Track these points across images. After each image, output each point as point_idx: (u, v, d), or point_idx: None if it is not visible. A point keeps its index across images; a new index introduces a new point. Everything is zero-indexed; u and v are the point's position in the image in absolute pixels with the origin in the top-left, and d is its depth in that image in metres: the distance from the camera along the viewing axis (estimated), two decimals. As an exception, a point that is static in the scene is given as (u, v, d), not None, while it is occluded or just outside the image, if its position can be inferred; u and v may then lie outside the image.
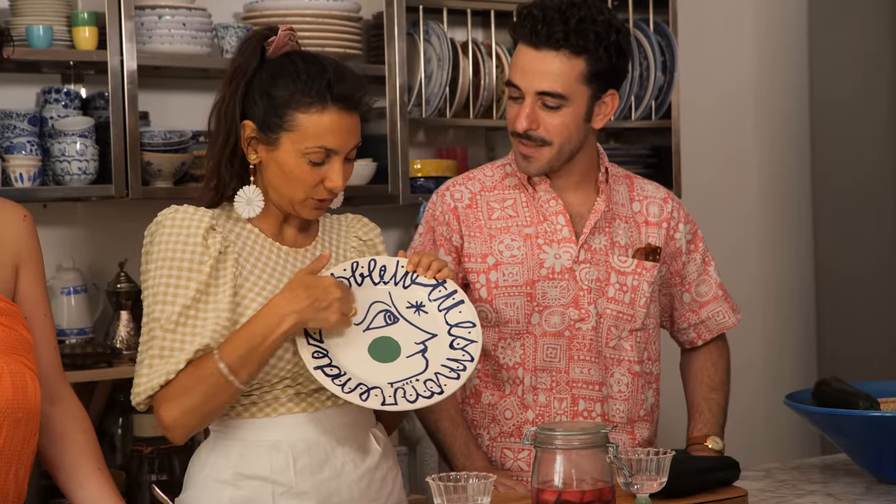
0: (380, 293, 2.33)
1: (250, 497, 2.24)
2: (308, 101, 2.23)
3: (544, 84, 2.54)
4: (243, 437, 2.26)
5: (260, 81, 2.28)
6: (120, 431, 3.49)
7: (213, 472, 2.27)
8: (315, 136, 2.23)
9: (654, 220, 2.72)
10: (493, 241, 2.64)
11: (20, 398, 2.06)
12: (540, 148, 2.58)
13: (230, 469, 2.25)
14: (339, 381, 2.18)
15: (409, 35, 3.73)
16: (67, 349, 3.23)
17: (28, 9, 3.25)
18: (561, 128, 2.56)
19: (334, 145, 2.24)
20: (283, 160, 2.25)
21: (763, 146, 4.70)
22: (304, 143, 2.23)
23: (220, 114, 2.29)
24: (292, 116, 2.23)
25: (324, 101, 2.23)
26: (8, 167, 3.19)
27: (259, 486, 2.24)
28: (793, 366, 4.73)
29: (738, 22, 4.64)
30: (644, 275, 2.67)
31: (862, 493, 2.48)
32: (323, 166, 2.25)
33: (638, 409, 2.70)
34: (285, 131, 2.24)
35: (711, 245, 2.91)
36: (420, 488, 3.73)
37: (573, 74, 2.54)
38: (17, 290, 2.18)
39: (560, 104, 2.55)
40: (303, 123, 2.23)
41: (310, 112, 2.23)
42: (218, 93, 2.32)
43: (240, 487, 2.24)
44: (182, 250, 2.21)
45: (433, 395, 2.21)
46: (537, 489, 2.03)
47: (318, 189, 2.27)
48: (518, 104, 2.58)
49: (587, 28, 2.53)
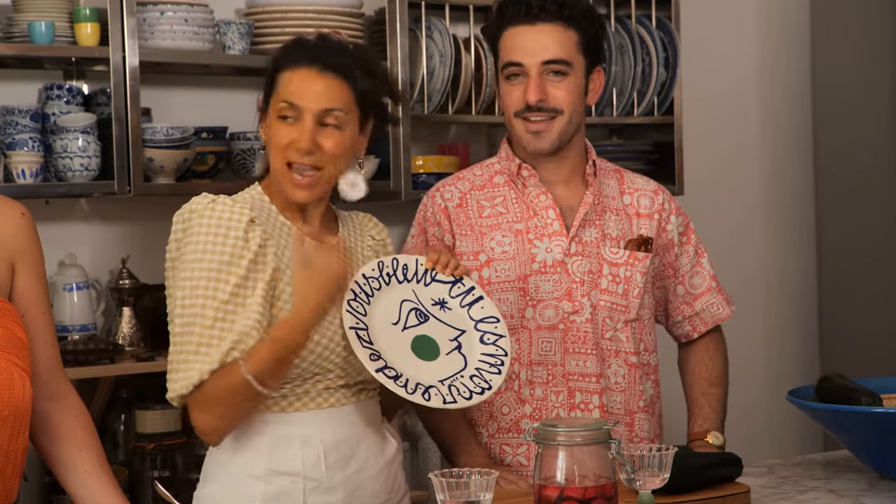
0: (406, 291, 2.37)
1: (282, 492, 2.25)
2: (287, 63, 2.30)
3: (549, 53, 2.61)
4: (272, 433, 2.27)
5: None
6: (122, 428, 3.49)
7: (244, 466, 2.26)
8: (286, 93, 2.28)
9: (646, 211, 2.74)
10: (485, 239, 2.65)
11: (5, 396, 2.04)
12: (551, 120, 2.62)
13: (262, 464, 2.25)
14: (400, 383, 2.21)
15: (412, 31, 3.72)
16: (70, 346, 3.23)
17: (30, 5, 3.25)
18: (569, 96, 2.63)
19: (300, 102, 2.27)
20: (269, 125, 2.31)
21: (765, 142, 4.69)
22: (278, 102, 2.29)
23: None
24: (275, 79, 2.30)
25: (300, 62, 2.29)
26: (10, 163, 3.19)
27: (290, 482, 2.25)
28: (795, 362, 4.73)
29: (740, 17, 4.64)
30: (636, 265, 2.68)
31: (864, 490, 2.48)
32: (294, 126, 2.27)
33: (636, 400, 2.70)
34: (271, 96, 2.31)
35: (714, 240, 2.92)
36: (422, 484, 3.73)
37: (571, 43, 2.63)
38: (14, 287, 2.18)
39: (566, 70, 2.62)
40: (280, 82, 2.30)
41: (285, 70, 2.30)
42: None
43: (271, 483, 2.25)
44: (223, 244, 2.21)
45: (483, 391, 2.28)
46: (539, 485, 2.03)
47: (288, 151, 2.28)
48: (519, 83, 2.63)
49: (574, 2, 2.63)
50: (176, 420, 3.44)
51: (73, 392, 2.28)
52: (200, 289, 2.19)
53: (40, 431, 2.21)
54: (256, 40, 3.54)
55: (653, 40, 4.02)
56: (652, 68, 4.02)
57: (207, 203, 2.25)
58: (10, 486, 2.11)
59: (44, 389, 2.20)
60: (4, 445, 2.07)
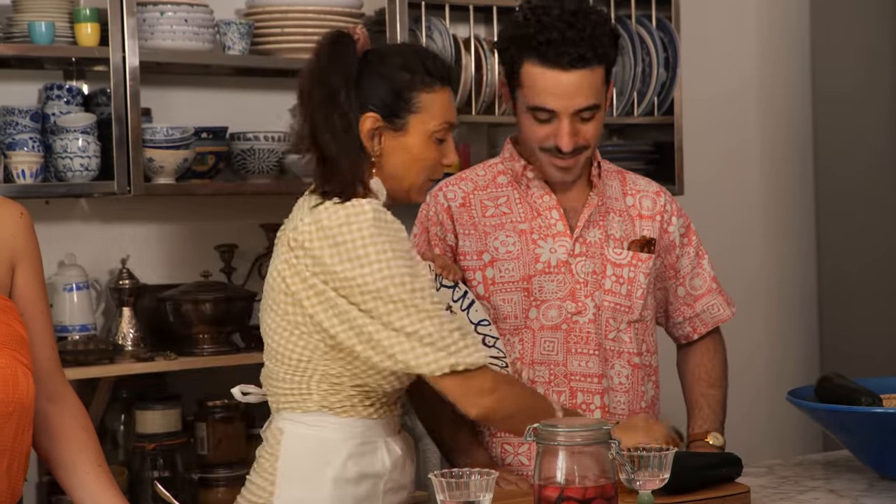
0: None
1: (367, 495, 2.34)
2: (430, 80, 2.33)
3: (583, 101, 2.55)
4: (354, 436, 2.33)
5: (369, 73, 2.32)
6: (122, 428, 3.49)
7: (336, 470, 2.32)
8: (441, 114, 2.34)
9: (648, 213, 2.74)
10: (488, 239, 2.65)
11: (10, 392, 2.05)
12: (579, 155, 2.60)
13: (353, 468, 2.33)
14: None
15: (412, 31, 3.72)
16: (70, 346, 3.23)
17: (30, 5, 3.25)
18: (596, 131, 2.61)
19: (454, 119, 2.38)
20: (412, 143, 2.33)
21: (765, 142, 4.69)
22: (432, 122, 2.33)
23: (335, 117, 2.28)
24: (418, 97, 2.32)
25: (442, 79, 2.35)
26: (10, 164, 3.20)
27: (373, 484, 2.35)
28: (795, 362, 4.73)
29: (740, 17, 4.64)
30: (640, 266, 2.68)
31: (864, 490, 2.48)
32: (443, 144, 2.37)
33: (639, 401, 2.70)
34: (412, 113, 2.32)
35: (714, 241, 2.91)
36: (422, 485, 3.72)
37: (599, 81, 2.57)
38: (13, 287, 2.18)
39: (595, 113, 2.58)
40: (429, 102, 2.33)
41: (434, 90, 2.34)
42: (313, 101, 2.29)
43: (360, 485, 2.34)
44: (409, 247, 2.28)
45: None
46: (539, 485, 2.03)
47: (437, 168, 2.37)
48: (549, 125, 2.58)
49: (600, 34, 2.55)
50: (176, 420, 3.45)
51: (71, 393, 2.28)
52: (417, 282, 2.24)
53: (39, 432, 2.21)
54: (256, 40, 3.55)
55: (653, 40, 4.02)
56: (652, 68, 4.02)
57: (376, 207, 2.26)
58: (16, 485, 2.10)
59: (43, 390, 2.20)
60: (10, 442, 2.07)
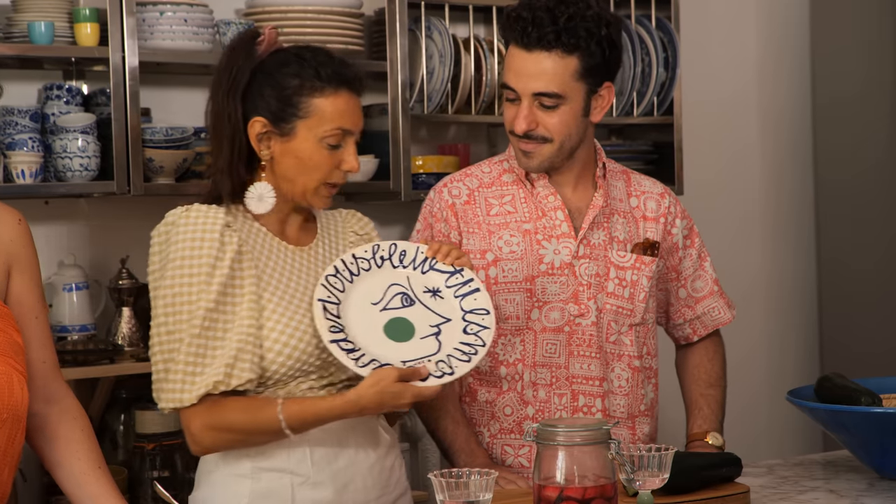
0: (398, 276, 2.39)
1: (270, 489, 2.26)
2: (321, 85, 2.27)
3: (539, 85, 2.53)
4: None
5: (262, 77, 2.29)
6: (122, 428, 3.49)
7: (231, 466, 2.28)
8: (332, 119, 2.27)
9: (652, 215, 2.73)
10: (492, 237, 2.64)
11: (5, 399, 2.06)
12: (541, 145, 2.58)
13: (248, 463, 2.27)
14: (353, 356, 2.23)
15: (411, 31, 3.72)
16: (69, 346, 3.23)
17: (30, 5, 3.24)
18: (560, 126, 2.56)
19: (350, 126, 2.29)
20: (300, 148, 2.28)
21: (765, 142, 4.69)
22: (321, 127, 2.27)
23: (223, 117, 2.29)
24: (307, 102, 2.27)
25: (337, 84, 2.28)
26: (10, 164, 3.19)
27: (278, 478, 2.27)
28: (795, 362, 4.73)
29: (741, 18, 4.64)
30: (643, 269, 2.68)
31: (864, 490, 2.48)
32: (338, 150, 2.29)
33: (638, 403, 2.70)
34: (300, 119, 2.27)
35: (714, 241, 2.91)
36: (422, 485, 3.72)
37: (567, 73, 2.54)
38: (10, 291, 2.19)
39: (557, 103, 2.55)
40: (319, 107, 2.27)
41: (325, 95, 2.27)
42: (210, 99, 2.32)
43: (259, 480, 2.26)
44: (200, 247, 2.22)
45: (444, 375, 2.26)
46: (539, 485, 2.03)
47: (334, 173, 2.30)
48: (515, 105, 2.58)
49: (577, 25, 2.52)
50: (176, 420, 3.44)
51: (70, 394, 2.28)
52: (184, 295, 2.21)
53: (38, 433, 2.21)
54: (256, 40, 3.54)
55: (652, 40, 4.02)
56: (651, 68, 4.02)
57: (182, 213, 2.26)
58: (4, 489, 2.13)
59: (41, 392, 2.20)
60: (2, 448, 2.08)
